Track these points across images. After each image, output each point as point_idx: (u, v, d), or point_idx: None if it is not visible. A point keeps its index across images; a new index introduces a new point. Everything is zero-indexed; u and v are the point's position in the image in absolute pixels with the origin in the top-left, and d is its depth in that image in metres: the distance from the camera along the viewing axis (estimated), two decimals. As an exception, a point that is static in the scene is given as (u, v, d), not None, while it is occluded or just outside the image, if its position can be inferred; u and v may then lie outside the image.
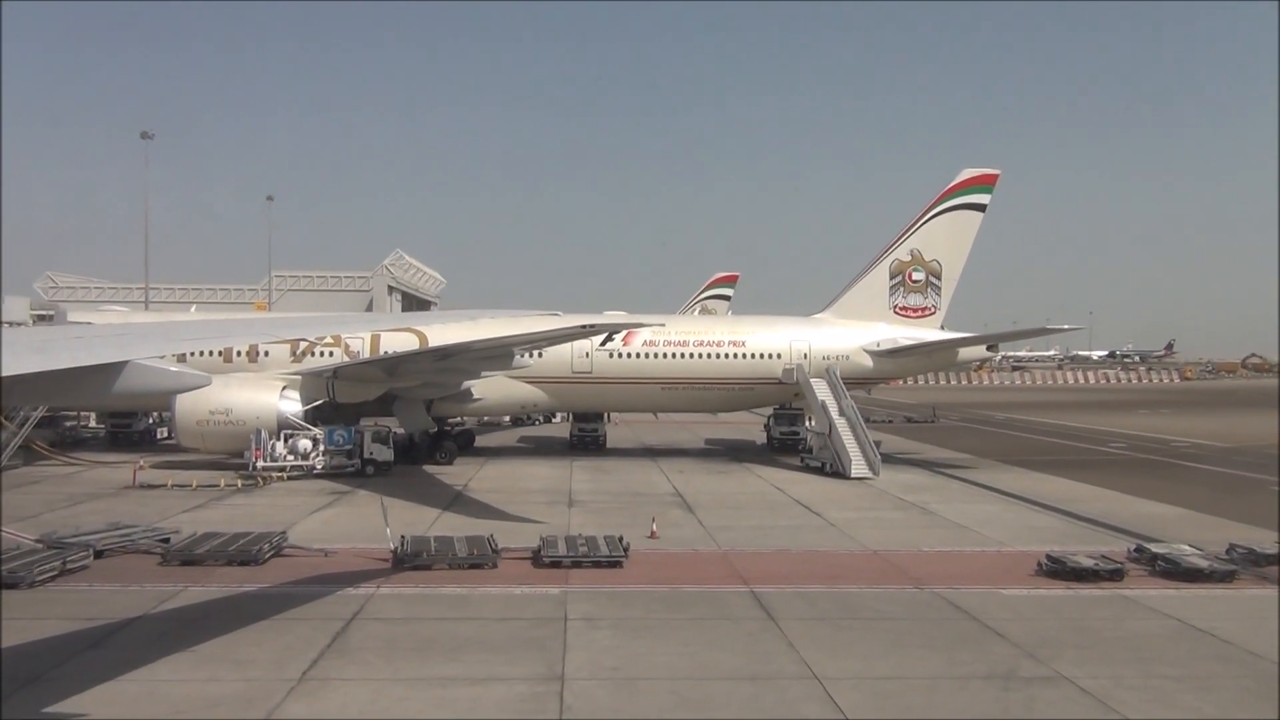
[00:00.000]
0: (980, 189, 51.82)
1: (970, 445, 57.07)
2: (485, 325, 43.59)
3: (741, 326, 51.45)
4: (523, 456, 50.28)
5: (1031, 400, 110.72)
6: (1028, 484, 40.63)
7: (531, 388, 48.16)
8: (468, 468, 43.84)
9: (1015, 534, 29.02)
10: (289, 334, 31.85)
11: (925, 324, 51.84)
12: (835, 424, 43.58)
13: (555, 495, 36.19)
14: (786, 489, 38.57)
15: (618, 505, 34.08)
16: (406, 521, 28.52)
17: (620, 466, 45.73)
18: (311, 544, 25.28)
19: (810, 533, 29.21)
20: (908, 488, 39.24)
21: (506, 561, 23.68)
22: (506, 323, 43.64)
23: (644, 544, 26.20)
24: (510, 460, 47.97)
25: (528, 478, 41.42)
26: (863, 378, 50.94)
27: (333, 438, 40.28)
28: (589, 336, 45.92)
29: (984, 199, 51.89)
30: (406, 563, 22.99)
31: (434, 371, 43.12)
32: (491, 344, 41.24)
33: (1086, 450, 56.45)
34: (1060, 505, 34.62)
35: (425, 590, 21.19)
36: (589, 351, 48.19)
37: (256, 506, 32.67)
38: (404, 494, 35.24)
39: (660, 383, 49.16)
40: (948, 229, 51.64)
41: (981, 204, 51.86)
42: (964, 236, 51.98)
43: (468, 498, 35.33)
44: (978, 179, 51.82)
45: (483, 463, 46.24)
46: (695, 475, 42.92)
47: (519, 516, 30.64)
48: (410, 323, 44.83)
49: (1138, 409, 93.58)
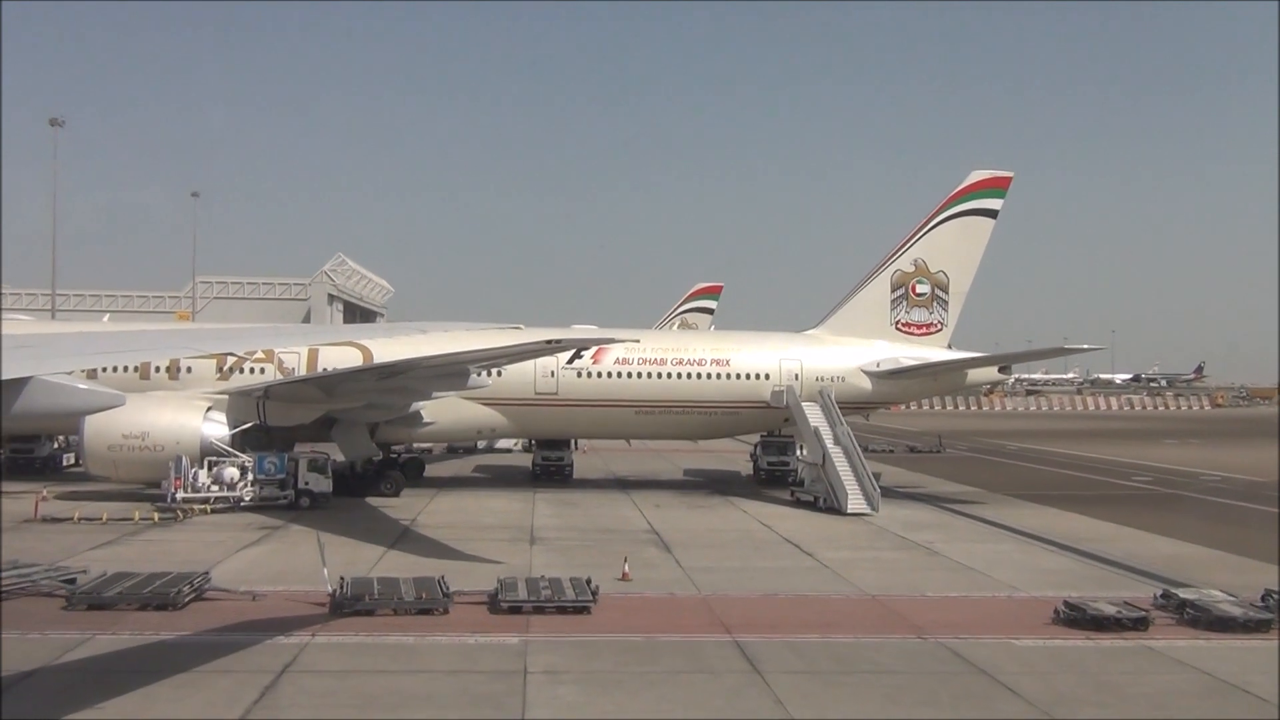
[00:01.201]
0: (992, 193, 52.32)
1: (980, 478, 57.40)
2: (437, 340, 43.40)
3: (725, 343, 51.59)
4: (479, 488, 50.03)
5: (1047, 428, 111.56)
6: (1043, 521, 40.87)
7: (489, 410, 48.02)
8: (416, 500, 43.60)
9: (1029, 577, 29.13)
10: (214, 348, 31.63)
11: (930, 342, 52.19)
12: (829, 453, 43.71)
13: (515, 532, 36.02)
14: (775, 526, 38.58)
15: (585, 543, 33.97)
16: (346, 561, 28.31)
17: (589, 500, 45.61)
18: (238, 586, 25.03)
19: (801, 575, 29.18)
20: (910, 525, 39.35)
21: (459, 606, 23.52)
22: (461, 337, 43.47)
23: (615, 587, 26.12)
24: (465, 492, 47.71)
25: (484, 512, 41.20)
26: (860, 401, 51.15)
27: (263, 466, 39.95)
28: (554, 353, 45.85)
29: (996, 204, 52.40)
30: (346, 607, 22.82)
31: (379, 391, 42.91)
32: (444, 361, 41.08)
33: (1108, 484, 56.89)
34: (1079, 545, 34.82)
35: (367, 639, 21.02)
36: (554, 370, 48.15)
37: (175, 543, 32.32)
38: (344, 529, 34.98)
39: (634, 406, 49.16)
40: (956, 237, 52.09)
41: (993, 209, 52.37)
42: (974, 245, 52.44)
43: (416, 534, 35.09)
44: (989, 182, 52.34)
45: (433, 494, 46.00)
46: (673, 510, 42.88)
47: (474, 556, 30.46)
48: (353, 336, 44.49)
49: (1164, 439, 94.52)
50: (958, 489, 52.52)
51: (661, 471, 59.37)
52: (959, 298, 52.65)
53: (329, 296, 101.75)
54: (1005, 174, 52.68)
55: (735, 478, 56.23)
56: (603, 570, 27.44)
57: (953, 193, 52.23)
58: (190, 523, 36.50)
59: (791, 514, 42.29)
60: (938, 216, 52.26)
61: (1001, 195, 52.43)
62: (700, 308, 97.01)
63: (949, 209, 52.15)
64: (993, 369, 54.24)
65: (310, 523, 36.19)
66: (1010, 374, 66.74)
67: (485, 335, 44.44)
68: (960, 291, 52.63)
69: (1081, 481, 58.08)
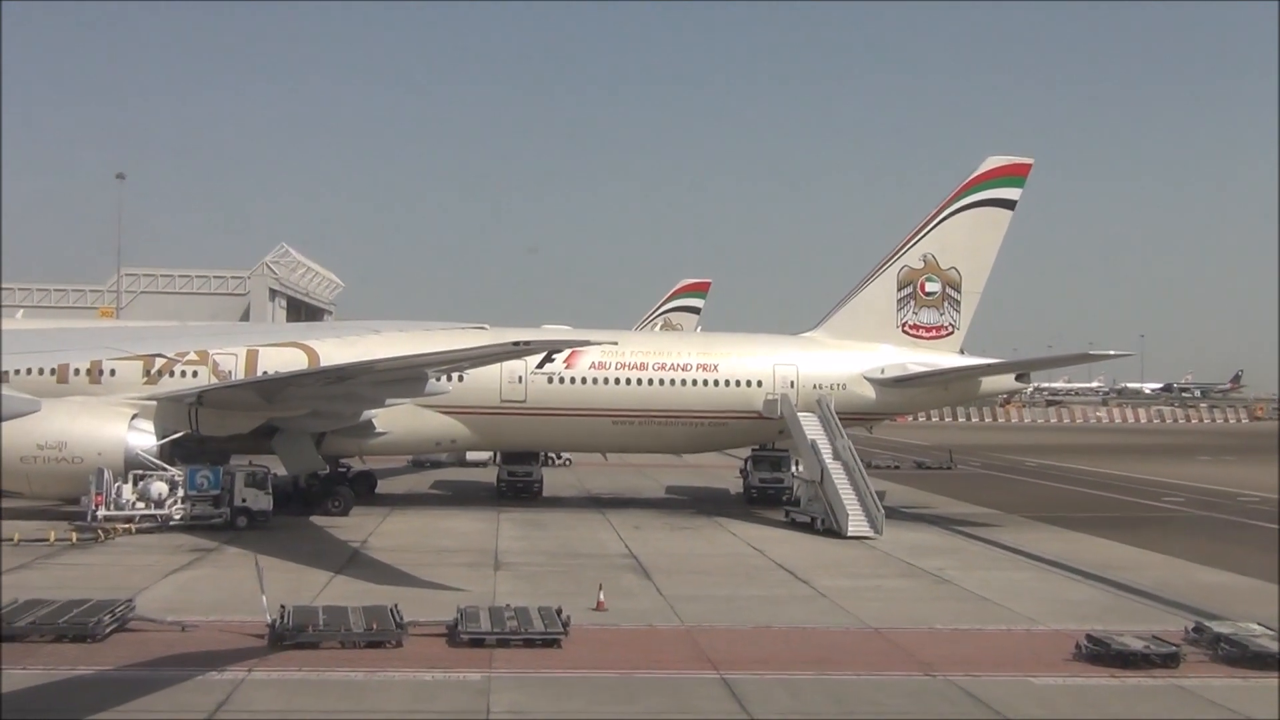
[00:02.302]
0: (1009, 181, 52.59)
1: (995, 498, 57.64)
2: (392, 341, 43.28)
3: (713, 346, 51.65)
4: (437, 506, 49.90)
5: (1070, 443, 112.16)
6: (1065, 546, 41.05)
7: (449, 420, 47.93)
8: (368, 519, 43.48)
9: (1049, 609, 29.25)
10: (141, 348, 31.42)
11: (940, 346, 52.41)
12: (828, 470, 43.81)
13: (478, 555, 35.96)
14: (767, 550, 38.63)
15: (556, 569, 33.94)
16: (288, 587, 28.17)
17: (560, 520, 45.58)
18: (165, 615, 24.89)
19: (796, 605, 29.22)
20: (917, 550, 39.48)
21: (415, 639, 23.46)
22: (419, 338, 43.37)
23: (588, 618, 26.10)
24: (422, 510, 47.60)
25: (443, 533, 41.10)
26: (863, 412, 51.30)
27: (195, 480, 39.77)
28: (522, 356, 45.74)
29: (1014, 194, 52.67)
30: (287, 639, 22.73)
31: (326, 398, 42.77)
32: (399, 364, 40.99)
33: (1136, 505, 57.21)
34: (1104, 573, 34.99)
35: (311, 675, 20.93)
36: (522, 375, 48.08)
37: (96, 567, 32.13)
38: (286, 552, 34.83)
39: (611, 415, 49.14)
40: (969, 230, 52.33)
41: (1010, 200, 52.65)
42: (989, 239, 52.70)
43: (367, 557, 35.02)
44: (1006, 169, 52.61)
45: (387, 513, 45.88)
46: (653, 532, 42.88)
47: (431, 582, 30.38)
48: (297, 336, 44.34)
49: (1198, 455, 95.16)
50: (970, 510, 52.70)
51: (641, 489, 59.34)
52: (973, 297, 52.89)
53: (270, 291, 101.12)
54: (1024, 160, 52.91)
55: (723, 496, 56.23)
56: (575, 599, 27.38)
57: (966, 181, 52.46)
58: (113, 544, 36.26)
59: (786, 537, 42.34)
60: (949, 207, 52.48)
61: (1020, 184, 52.69)
62: (685, 306, 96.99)
63: (962, 199, 52.37)
64: (1010, 377, 54.43)
65: (248, 544, 36.01)
66: (1029, 383, 66.91)
67: (445, 336, 44.31)
68: (974, 290, 52.86)
69: (1107, 502, 58.39)
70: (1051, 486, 67.13)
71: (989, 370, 53.03)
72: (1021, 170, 52.86)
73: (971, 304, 52.94)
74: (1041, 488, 66.40)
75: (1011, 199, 52.65)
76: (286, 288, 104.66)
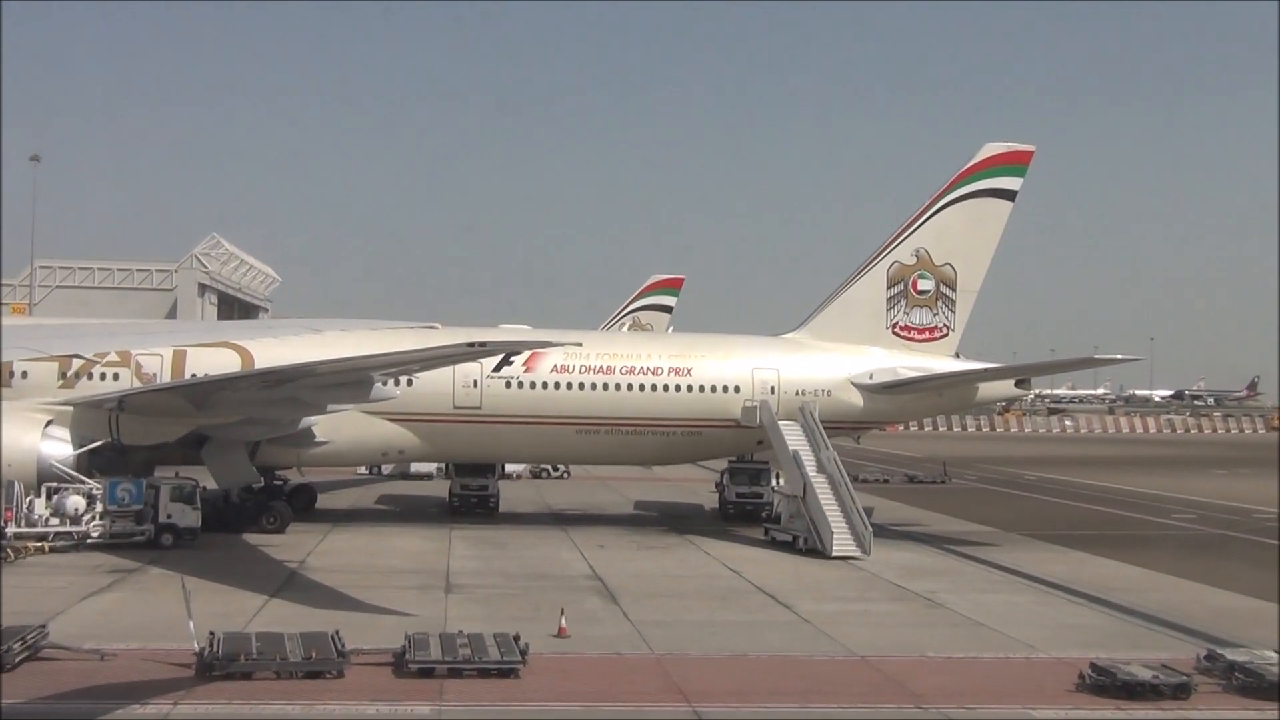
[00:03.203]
0: (1009, 170, 52.88)
1: (992, 514, 57.89)
2: (334, 341, 43.12)
3: (687, 349, 51.70)
4: (384, 522, 49.76)
5: (1073, 454, 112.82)
6: (1067, 567, 41.31)
7: (396, 428, 47.76)
8: (306, 537, 43.27)
9: (1050, 635, 29.42)
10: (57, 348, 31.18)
11: (934, 349, 52.64)
12: (812, 483, 43.93)
13: (428, 577, 35.89)
14: (745, 571, 38.68)
15: (513, 591, 33.90)
16: (218, 612, 27.98)
17: (518, 538, 45.52)
18: (83, 642, 24.69)
19: (776, 631, 29.28)
20: (908, 571, 39.63)
21: (358, 668, 23.37)
22: (364, 338, 43.21)
23: (549, 645, 26.08)
24: (367, 527, 47.46)
25: (390, 552, 40.97)
26: (850, 420, 51.49)
27: (116, 494, 39.44)
28: (478, 359, 45.72)
29: (1014, 183, 52.97)
30: (217, 669, 22.59)
31: (261, 403, 42.53)
32: (342, 366, 40.84)
33: (1144, 523, 57.62)
34: (1109, 596, 35.26)
35: (243, 709, 20.80)
36: (477, 379, 47.99)
37: (5, 590, 31.66)
38: (215, 574, 34.60)
39: (575, 423, 49.12)
40: (965, 223, 52.60)
41: (1010, 190, 52.94)
42: (987, 233, 52.99)
43: (305, 579, 34.90)
44: (1006, 157, 52.88)
45: (327, 530, 45.69)
46: (621, 551, 42.88)
47: (376, 606, 30.30)
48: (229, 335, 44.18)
49: (1211, 468, 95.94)
50: (966, 527, 52.94)
51: (607, 504, 59.32)
52: (969, 296, 53.17)
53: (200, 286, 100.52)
54: (1025, 148, 53.19)
55: (697, 512, 56.26)
56: (534, 625, 27.38)
57: (962, 170, 52.71)
58: (23, 564, 35.92)
59: (765, 557, 42.41)
60: (944, 198, 52.71)
61: (1021, 173, 52.99)
62: (656, 305, 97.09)
63: (958, 189, 52.60)
64: (1009, 383, 54.77)
65: (174, 565, 35.72)
66: (1030, 389, 67.47)
67: (393, 336, 44.18)
68: (970, 289, 53.15)
69: (1113, 519, 58.78)
70: (1053, 502, 67.53)
71: (987, 375, 53.33)
72: (1022, 158, 53.13)
73: (968, 303, 53.19)
74: (1042, 503, 66.81)
75: (1011, 189, 52.92)
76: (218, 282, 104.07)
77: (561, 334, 49.75)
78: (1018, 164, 53.00)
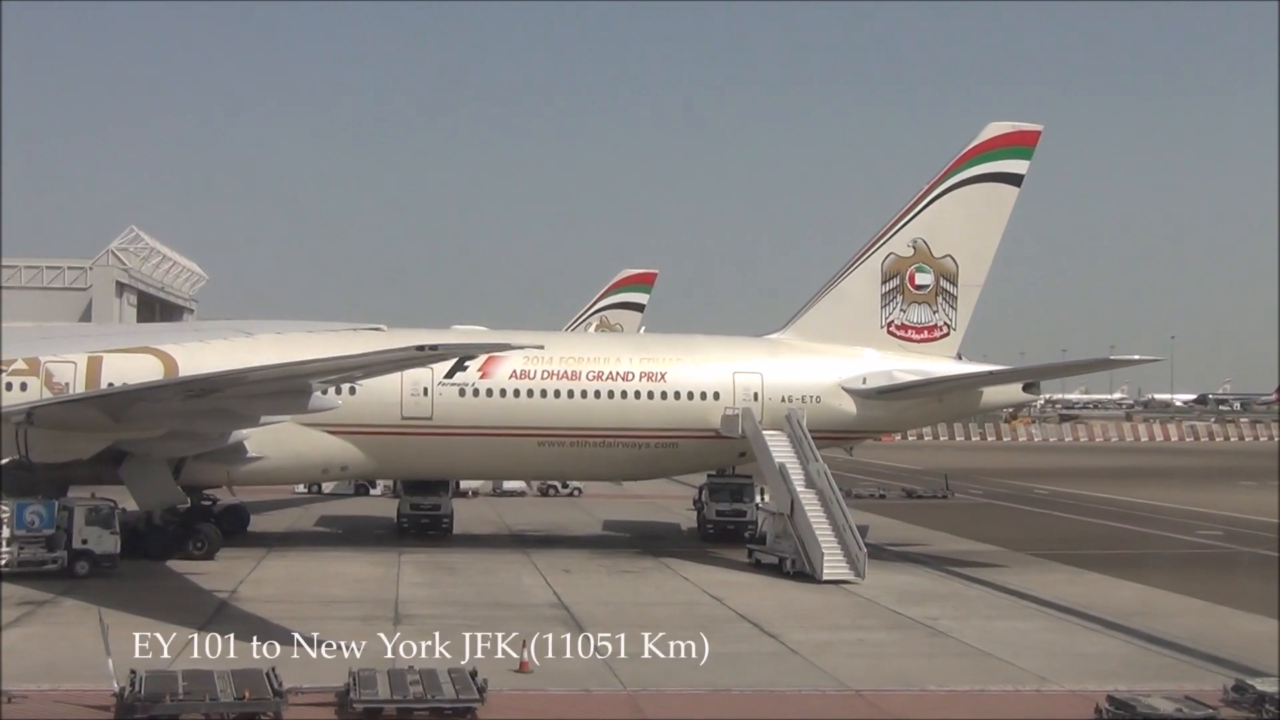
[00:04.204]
0: (1014, 152, 53.09)
1: (999, 532, 58.07)
2: (267, 345, 43.02)
3: (661, 351, 51.75)
4: (324, 546, 49.55)
5: (1088, 465, 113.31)
6: (1081, 590, 41.51)
7: (338, 442, 47.58)
8: (238, 563, 43.10)
9: (1062, 665, 29.52)
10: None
11: (933, 350, 52.82)
12: (800, 500, 43.96)
13: (374, 606, 35.82)
14: (726, 598, 38.69)
15: (470, 622, 33.56)
16: (140, 648, 27.78)
17: (474, 562, 45.46)
18: (-13, 684, 24.53)
19: (761, 663, 29.29)
20: (907, 596, 39.73)
21: (297, 708, 23.29)
22: (300, 341, 43.13)
23: (509, 681, 26.05)
24: (305, 552, 47.26)
25: (332, 579, 40.81)
26: (842, 430, 51.57)
27: (24, 517, 39.10)
28: (428, 364, 45.57)
29: (1020, 166, 53.21)
30: (139, 712, 22.46)
31: (186, 415, 42.29)
32: (277, 373, 40.63)
33: (1166, 540, 57.89)
34: (1128, 621, 35.40)
35: (168, 756, 20.71)
36: (428, 387, 47.85)
37: (-101, 625, 31.63)
38: (137, 605, 34.40)
39: (537, 435, 49.05)
40: (967, 210, 52.78)
41: (1016, 174, 53.17)
42: (991, 222, 53.19)
43: (237, 610, 34.75)
44: (1010, 138, 53.09)
45: (262, 555, 45.51)
46: (589, 576, 42.85)
47: (317, 639, 30.16)
48: (151, 339, 43.95)
49: (1238, 478, 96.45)
50: (970, 547, 53.13)
51: (573, 524, 59.22)
52: (971, 291, 53.39)
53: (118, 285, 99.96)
54: (1032, 127, 53.48)
55: (673, 532, 56.27)
56: (493, 659, 27.36)
57: (963, 152, 52.87)
58: (-80, 596, 35.67)
59: (749, 581, 42.46)
60: (944, 183, 52.85)
61: (1027, 155, 53.22)
62: (626, 302, 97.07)
63: (959, 173, 52.76)
64: (1017, 387, 54.89)
65: (90, 595, 35.53)
66: (1039, 393, 67.68)
67: (333, 339, 44.10)
68: (973, 283, 53.36)
69: (1132, 537, 59.04)
70: (1066, 518, 67.83)
71: (992, 379, 53.54)
72: (1029, 139, 53.37)
73: (970, 299, 53.42)
74: (1054, 520, 67.08)
75: (1017, 173, 53.14)
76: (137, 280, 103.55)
77: (521, 335, 49.71)
78: (1024, 145, 53.21)
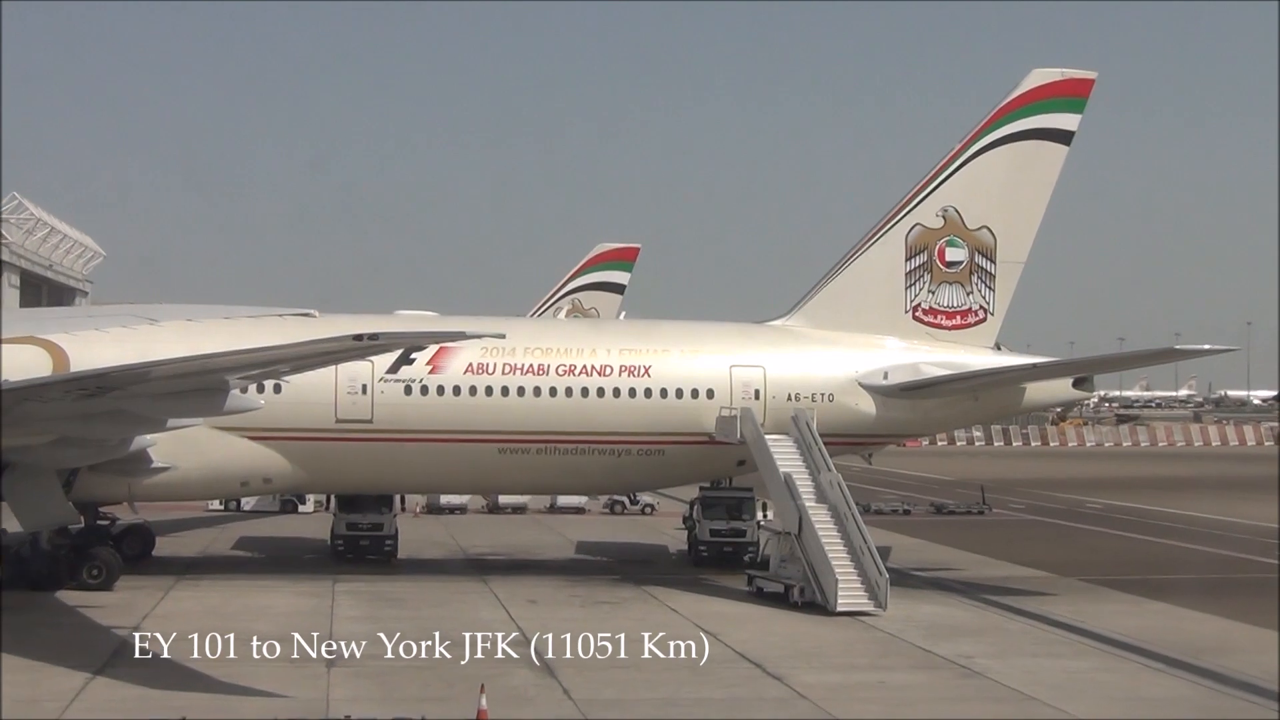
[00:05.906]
0: (1063, 104, 53.16)
1: (1044, 555, 58.32)
2: (176, 334, 42.89)
3: (644, 340, 51.76)
4: (244, 573, 49.60)
5: (1149, 475, 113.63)
6: (1141, 622, 41.67)
7: (261, 449, 47.52)
8: (142, 594, 43.08)
9: (1121, 710, 29.73)
10: None
11: (967, 339, 53.01)
12: (809, 516, 44.08)
13: (304, 645, 35.65)
14: (723, 633, 38.72)
15: (417, 663, 33.80)
16: (21, 698, 27.93)
17: (423, 592, 45.55)
18: None
19: (765, 710, 29.39)
20: (936, 630, 39.86)
21: (211, 768, 23.36)
22: (215, 330, 43.06)
23: (465, 733, 26.08)
24: (223, 580, 47.29)
25: (254, 612, 40.74)
26: (859, 434, 51.71)
27: (-115, 540, 39.29)
28: (367, 355, 45.50)
29: (1070, 121, 53.29)
30: (22, 772, 22.57)
31: (78, 418, 42.17)
32: (187, 367, 40.55)
33: (1244, 563, 58.03)
34: (1197, 660, 35.46)
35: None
36: (367, 384, 47.80)
37: None
38: (18, 645, 34.27)
39: (497, 440, 49.04)
40: (1007, 173, 52.90)
41: (1066, 130, 53.25)
42: (1035, 187, 53.32)
43: (140, 651, 34.45)
44: (1058, 87, 53.15)
45: (170, 584, 45.50)
46: (558, 608, 42.91)
47: (236, 686, 30.14)
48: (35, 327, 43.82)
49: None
50: (1011, 572, 53.36)
51: (541, 546, 59.27)
52: (1012, 269, 53.54)
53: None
54: (1085, 75, 53.50)
55: (660, 555, 56.36)
56: (445, 706, 27.47)
57: (1002, 104, 52.91)
58: None
59: (750, 613, 42.56)
60: (979, 141, 52.89)
61: (1079, 108, 53.29)
62: (603, 283, 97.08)
63: (996, 129, 52.78)
64: (1066, 383, 54.94)
65: (-37, 633, 35.54)
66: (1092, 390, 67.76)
67: (255, 328, 44.01)
68: (1014, 260, 53.51)
69: (1204, 559, 59.22)
70: (1124, 537, 68.09)
71: (1036, 373, 53.59)
72: (1081, 89, 53.41)
73: (1011, 279, 53.54)
74: (1109, 539, 67.36)
75: (1067, 129, 53.23)
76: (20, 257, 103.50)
77: (478, 322, 49.71)
78: (1075, 96, 53.25)
